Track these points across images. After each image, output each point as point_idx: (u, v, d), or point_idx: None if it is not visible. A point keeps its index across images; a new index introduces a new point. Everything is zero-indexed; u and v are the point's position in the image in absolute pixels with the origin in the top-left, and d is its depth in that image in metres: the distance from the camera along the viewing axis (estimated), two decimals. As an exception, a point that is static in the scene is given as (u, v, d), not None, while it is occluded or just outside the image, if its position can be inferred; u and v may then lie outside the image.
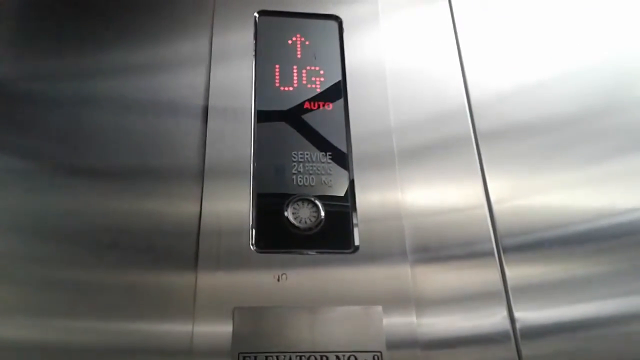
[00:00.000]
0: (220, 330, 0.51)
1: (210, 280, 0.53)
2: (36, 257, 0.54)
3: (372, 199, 0.59)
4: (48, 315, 0.51)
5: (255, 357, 0.50)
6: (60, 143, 0.59)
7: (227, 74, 0.65)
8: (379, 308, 0.53)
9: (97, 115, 0.61)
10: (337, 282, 0.54)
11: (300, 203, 0.58)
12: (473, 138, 0.65)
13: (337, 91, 0.66)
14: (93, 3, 0.68)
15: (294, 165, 0.60)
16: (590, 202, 0.64)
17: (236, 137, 0.61)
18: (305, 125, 0.63)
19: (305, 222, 0.57)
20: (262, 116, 0.63)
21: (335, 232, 0.57)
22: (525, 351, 0.54)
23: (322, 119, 0.64)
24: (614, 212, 0.63)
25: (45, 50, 0.65)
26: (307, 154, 0.61)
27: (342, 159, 0.61)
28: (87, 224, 0.55)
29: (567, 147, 0.67)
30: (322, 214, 0.58)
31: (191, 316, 0.51)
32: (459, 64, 0.70)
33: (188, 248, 0.55)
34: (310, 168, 0.60)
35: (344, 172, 0.61)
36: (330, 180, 0.60)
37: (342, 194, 0.59)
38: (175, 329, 0.51)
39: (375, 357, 0.50)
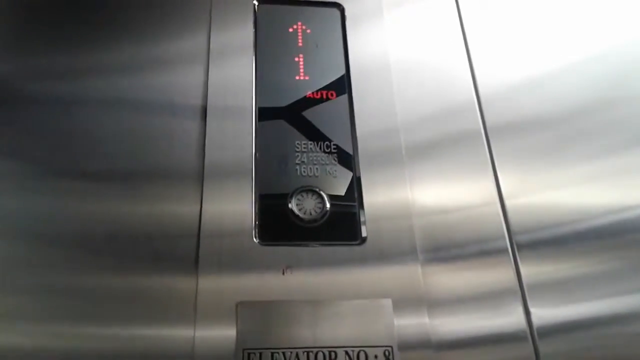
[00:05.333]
0: (223, 328, 0.49)
1: (212, 276, 0.51)
2: (35, 262, 0.52)
3: (378, 189, 0.57)
4: (48, 321, 0.49)
5: (261, 354, 0.47)
6: (55, 144, 0.57)
7: (227, 70, 0.62)
8: (389, 301, 0.51)
9: (93, 115, 0.59)
10: (344, 275, 0.52)
11: (304, 194, 0.56)
12: (483, 133, 0.63)
13: (341, 81, 0.64)
14: (88, 1, 0.66)
15: (297, 156, 0.58)
16: (605, 196, 0.61)
17: (237, 128, 0.59)
18: (308, 116, 0.61)
19: (310, 214, 0.55)
20: (264, 108, 0.61)
21: (341, 224, 0.55)
22: (543, 349, 0.53)
23: (326, 108, 0.62)
24: (630, 206, 0.61)
25: (39, 49, 0.63)
26: (310, 144, 0.59)
27: (347, 148, 0.59)
28: (85, 227, 0.53)
29: (580, 139, 0.65)
30: (328, 205, 0.56)
31: (193, 317, 0.49)
32: (467, 57, 0.68)
33: (189, 248, 0.53)
34: (314, 158, 0.58)
35: (349, 161, 0.59)
36: (335, 170, 0.58)
37: (348, 184, 0.57)
38: (177, 332, 0.49)
39: (387, 352, 0.48)
